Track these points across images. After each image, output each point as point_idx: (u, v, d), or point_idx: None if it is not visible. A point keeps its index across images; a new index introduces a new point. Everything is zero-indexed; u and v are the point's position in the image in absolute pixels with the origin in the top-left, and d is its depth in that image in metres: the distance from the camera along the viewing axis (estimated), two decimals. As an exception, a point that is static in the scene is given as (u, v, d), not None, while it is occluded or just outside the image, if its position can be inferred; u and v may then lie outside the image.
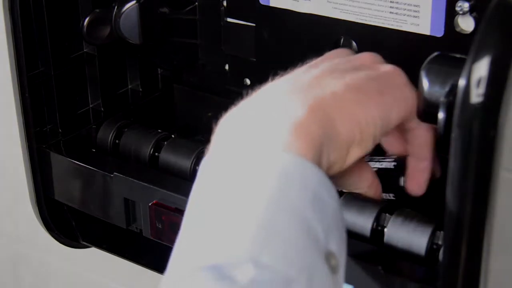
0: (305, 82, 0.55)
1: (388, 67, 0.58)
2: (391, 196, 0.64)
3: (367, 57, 0.60)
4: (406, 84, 0.58)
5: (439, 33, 0.68)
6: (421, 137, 0.60)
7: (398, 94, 0.57)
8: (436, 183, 0.64)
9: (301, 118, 0.51)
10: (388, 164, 0.64)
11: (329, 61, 0.59)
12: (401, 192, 0.64)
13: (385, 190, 0.63)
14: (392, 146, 0.64)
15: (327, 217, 0.50)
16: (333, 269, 0.49)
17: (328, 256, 0.48)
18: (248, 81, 0.83)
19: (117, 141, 0.80)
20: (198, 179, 0.52)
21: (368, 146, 0.56)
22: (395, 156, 0.64)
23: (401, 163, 0.63)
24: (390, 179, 0.64)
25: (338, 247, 0.50)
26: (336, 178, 0.55)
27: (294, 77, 0.56)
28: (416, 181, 0.62)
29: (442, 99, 0.55)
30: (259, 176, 0.49)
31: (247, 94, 0.55)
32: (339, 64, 0.58)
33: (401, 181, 0.63)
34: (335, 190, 0.51)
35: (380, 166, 0.64)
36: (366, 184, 0.61)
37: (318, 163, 0.51)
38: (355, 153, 0.55)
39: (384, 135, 0.58)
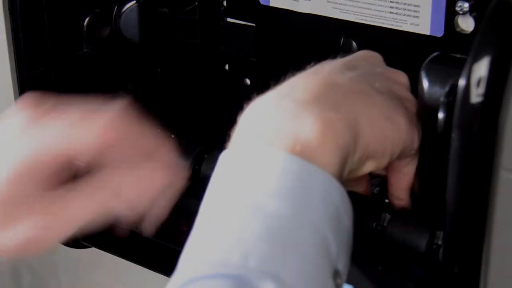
0: (338, 83, 0.53)
1: (412, 97, 0.58)
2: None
3: (402, 78, 0.59)
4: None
5: (439, 33, 0.68)
6: (401, 182, 0.60)
7: (418, 128, 0.57)
8: (436, 183, 0.65)
9: (332, 119, 0.50)
10: (372, 188, 0.65)
11: (365, 65, 0.57)
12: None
13: None
14: None
15: (341, 236, 0.49)
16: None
17: (335, 275, 0.48)
18: (248, 81, 0.83)
19: (117, 141, 0.80)
20: (216, 175, 0.50)
21: (383, 164, 0.55)
22: (379, 179, 0.64)
23: (384, 188, 0.63)
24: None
25: (344, 266, 0.49)
26: None
27: (327, 75, 0.54)
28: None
29: (442, 99, 0.55)
30: (282, 185, 0.47)
31: (272, 87, 0.54)
32: (375, 76, 0.57)
33: None
34: (351, 207, 0.50)
35: None
36: (362, 189, 0.62)
37: (342, 169, 0.50)
38: (370, 167, 0.54)
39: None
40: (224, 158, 0.51)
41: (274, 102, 0.52)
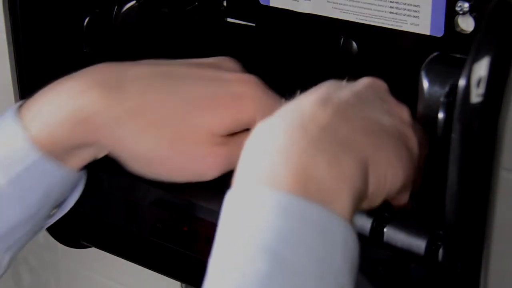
0: (349, 118, 0.51)
1: (416, 140, 0.56)
2: None
3: (405, 114, 0.56)
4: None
5: (439, 33, 0.68)
6: (398, 203, 0.60)
7: (415, 168, 0.56)
8: (436, 183, 0.65)
9: (345, 160, 0.48)
10: None
11: (372, 96, 0.55)
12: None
13: None
14: None
15: (354, 279, 0.48)
16: None
17: None
18: (248, 81, 0.83)
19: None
20: (226, 221, 0.47)
21: (377, 203, 0.54)
22: None
23: None
24: None
25: None
26: None
27: (336, 106, 0.52)
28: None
29: (442, 99, 0.55)
30: (305, 238, 0.45)
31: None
32: (383, 113, 0.54)
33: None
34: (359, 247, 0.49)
35: None
36: None
37: (353, 212, 0.49)
38: (365, 205, 0.53)
39: None
40: (233, 200, 0.48)
41: (282, 134, 0.49)
